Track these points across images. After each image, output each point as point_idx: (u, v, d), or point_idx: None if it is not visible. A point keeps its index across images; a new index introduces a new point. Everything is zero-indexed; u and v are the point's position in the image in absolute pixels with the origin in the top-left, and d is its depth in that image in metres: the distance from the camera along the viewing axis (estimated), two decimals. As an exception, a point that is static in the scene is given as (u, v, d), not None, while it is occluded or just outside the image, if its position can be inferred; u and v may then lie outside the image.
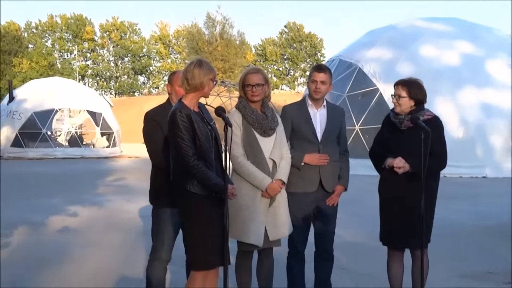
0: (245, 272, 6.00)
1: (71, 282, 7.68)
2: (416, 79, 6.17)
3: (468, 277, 8.09)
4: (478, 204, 15.68)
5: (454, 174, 21.96)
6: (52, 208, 14.17)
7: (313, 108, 6.41)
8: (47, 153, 34.85)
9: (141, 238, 9.99)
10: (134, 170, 25.36)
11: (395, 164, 5.87)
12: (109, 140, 37.89)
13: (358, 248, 9.79)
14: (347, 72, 27.00)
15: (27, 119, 35.22)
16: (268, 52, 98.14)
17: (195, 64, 5.11)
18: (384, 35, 28.43)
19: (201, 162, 4.94)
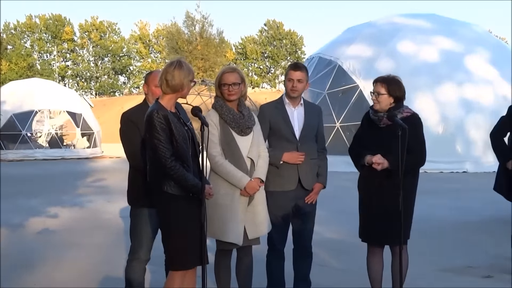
0: (224, 270, 5.99)
1: (51, 282, 7.64)
2: (394, 76, 6.17)
3: (448, 271, 8.14)
4: (458, 199, 15.77)
5: (435, 170, 22.08)
6: (32, 209, 14.11)
7: (290, 106, 6.41)
8: (27, 154, 34.71)
9: (122, 238, 9.96)
10: (114, 170, 25.31)
11: (374, 160, 5.89)
12: (89, 140, 37.77)
13: (338, 244, 9.81)
14: (327, 69, 27.05)
15: (7, 121, 35.02)
16: (248, 50, 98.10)
17: (176, 65, 5.05)
18: (363, 32, 28.53)
19: (178, 163, 4.91)
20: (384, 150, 5.88)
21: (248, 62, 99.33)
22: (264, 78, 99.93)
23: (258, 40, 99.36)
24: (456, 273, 8.06)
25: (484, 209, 13.25)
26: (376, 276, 6.25)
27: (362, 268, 6.47)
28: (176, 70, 5.01)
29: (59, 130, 38.12)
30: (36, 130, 37.47)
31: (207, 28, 72.61)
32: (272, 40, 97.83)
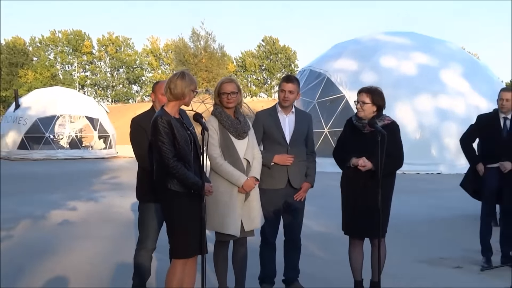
0: (222, 259, 5.99)
1: (69, 268, 7.66)
2: (377, 87, 6.18)
3: (422, 262, 8.14)
4: (433, 197, 15.76)
5: (412, 171, 22.08)
6: (53, 203, 14.10)
7: (282, 114, 6.44)
8: (50, 154, 34.63)
9: (132, 229, 9.95)
10: (127, 169, 25.24)
11: (359, 163, 5.90)
12: (105, 142, 37.69)
13: (324, 237, 9.80)
14: (317, 81, 27.05)
15: (32, 125, 34.97)
16: (247, 63, 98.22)
17: (178, 76, 5.08)
18: (349, 47, 28.52)
19: (180, 163, 4.93)
20: (367, 153, 5.89)
21: (247, 73, 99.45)
22: (261, 88, 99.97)
23: (256, 54, 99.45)
24: (429, 264, 8.05)
25: (456, 207, 13.24)
26: (357, 265, 6.26)
27: (345, 258, 6.47)
28: (179, 80, 5.03)
29: (78, 133, 37.97)
30: (58, 133, 37.32)
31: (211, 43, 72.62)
32: (269, 54, 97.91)
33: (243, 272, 6.08)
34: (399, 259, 8.02)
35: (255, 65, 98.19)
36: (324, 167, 15.62)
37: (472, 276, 7.38)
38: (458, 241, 9.56)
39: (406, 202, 13.61)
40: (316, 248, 8.88)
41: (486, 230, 8.00)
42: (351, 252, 6.29)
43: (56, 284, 6.92)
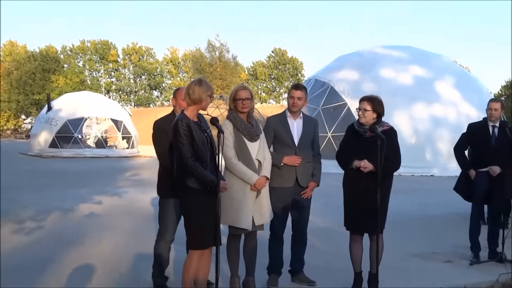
0: (234, 251, 6.01)
1: (94, 257, 7.70)
2: (377, 96, 6.19)
3: (417, 256, 8.14)
4: (426, 197, 15.71)
5: (407, 173, 21.98)
6: (81, 197, 14.12)
7: (291, 119, 6.45)
8: (78, 153, 34.66)
9: (152, 222, 9.95)
10: (148, 167, 25.27)
11: (362, 164, 5.91)
12: (128, 142, 37.71)
13: (328, 232, 9.78)
14: (321, 89, 27.00)
15: (62, 125, 34.99)
16: (258, 72, 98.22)
17: (196, 83, 5.13)
18: (351, 59, 28.46)
19: (197, 163, 4.95)
20: (368, 156, 5.90)
21: (258, 82, 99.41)
22: (270, 95, 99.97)
23: (266, 64, 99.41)
24: (422, 258, 8.05)
25: (447, 206, 13.18)
26: (357, 258, 6.28)
27: (346, 251, 6.47)
28: (196, 86, 5.09)
29: (104, 134, 38.03)
30: (86, 133, 37.38)
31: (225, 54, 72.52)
32: (278, 65, 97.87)
33: (253, 262, 6.09)
34: (395, 253, 7.99)
35: (265, 74, 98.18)
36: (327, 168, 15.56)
37: (461, 270, 7.37)
38: (449, 238, 9.54)
39: (402, 201, 13.56)
40: (320, 242, 8.86)
41: (475, 228, 8.01)
42: (351, 246, 6.29)
43: (83, 271, 6.95)
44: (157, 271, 6.13)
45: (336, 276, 6.86)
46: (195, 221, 5.03)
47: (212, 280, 5.39)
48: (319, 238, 9.02)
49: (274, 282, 6.38)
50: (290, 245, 6.60)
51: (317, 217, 10.64)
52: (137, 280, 6.60)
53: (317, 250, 8.27)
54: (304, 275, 6.56)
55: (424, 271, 7.27)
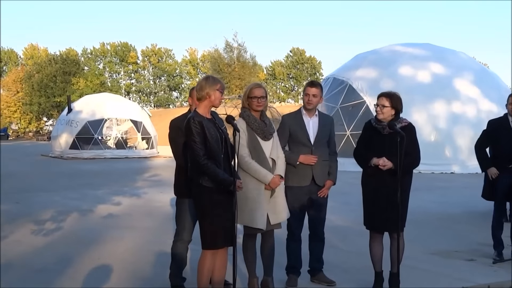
0: (251, 251, 5.89)
1: (112, 256, 7.68)
2: (396, 92, 6.05)
3: (437, 255, 7.97)
4: (446, 195, 15.49)
5: (427, 171, 21.75)
6: (99, 198, 14.15)
7: (307, 116, 6.33)
8: (98, 154, 34.79)
9: (170, 222, 9.89)
10: (167, 167, 25.26)
11: (380, 162, 5.76)
12: (148, 143, 37.80)
13: (347, 231, 9.64)
14: (340, 88, 26.78)
15: (82, 127, 35.15)
16: (276, 72, 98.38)
17: (203, 78, 5.14)
18: (369, 57, 28.19)
19: (210, 161, 4.87)
20: (386, 153, 5.76)
21: (276, 81, 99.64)
22: (289, 94, 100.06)
23: (284, 63, 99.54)
24: (443, 256, 7.88)
25: (468, 204, 12.99)
26: (377, 258, 6.13)
27: (365, 250, 6.34)
28: (203, 81, 5.10)
29: (123, 135, 38.11)
30: (106, 134, 37.48)
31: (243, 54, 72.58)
32: (296, 64, 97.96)
33: (271, 262, 5.96)
34: (416, 252, 7.86)
35: (283, 74, 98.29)
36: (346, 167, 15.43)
37: (484, 269, 7.20)
38: (470, 236, 9.36)
39: (422, 199, 13.39)
40: (339, 241, 8.74)
41: (498, 226, 7.84)
42: (371, 246, 6.15)
43: (100, 271, 6.90)
44: (175, 272, 6.05)
45: (356, 276, 6.74)
46: (208, 220, 4.93)
47: (230, 281, 5.28)
48: (338, 237, 8.90)
49: (293, 283, 6.26)
50: (308, 244, 6.49)
51: (336, 216, 10.54)
52: (154, 280, 6.53)
53: (337, 249, 8.14)
54: (324, 275, 6.43)
55: (445, 270, 7.09)
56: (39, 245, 8.51)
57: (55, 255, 7.74)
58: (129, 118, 37.46)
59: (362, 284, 6.34)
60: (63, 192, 15.37)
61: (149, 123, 38.63)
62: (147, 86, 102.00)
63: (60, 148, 35.31)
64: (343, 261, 7.45)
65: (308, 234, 6.46)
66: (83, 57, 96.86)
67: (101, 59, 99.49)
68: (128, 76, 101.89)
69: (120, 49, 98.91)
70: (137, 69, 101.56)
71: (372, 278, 6.17)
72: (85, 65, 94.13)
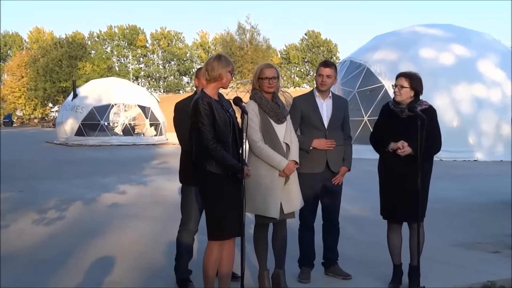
0: (262, 241, 5.76)
1: (116, 247, 7.66)
2: (416, 73, 5.89)
3: (459, 246, 7.83)
4: (469, 183, 15.32)
5: (449, 158, 21.57)
6: (105, 186, 14.13)
7: (320, 99, 6.20)
8: (104, 141, 34.87)
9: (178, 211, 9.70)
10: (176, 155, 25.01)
11: (399, 146, 5.63)
12: (156, 130, 37.85)
13: (363, 221, 9.53)
14: (357, 71, 26.59)
15: (88, 113, 35.22)
16: (291, 56, 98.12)
17: (215, 58, 4.96)
18: (388, 39, 27.96)
19: (219, 145, 4.74)
20: (405, 138, 5.62)
21: (291, 65, 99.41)
22: (304, 79, 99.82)
23: (299, 47, 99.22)
24: (466, 248, 7.74)
25: (492, 193, 12.81)
26: (396, 249, 6.00)
27: (382, 241, 6.24)
28: (215, 62, 4.91)
29: (131, 121, 38.17)
30: (113, 121, 37.55)
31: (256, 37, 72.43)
32: (311, 47, 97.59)
33: (283, 254, 5.83)
34: (437, 243, 7.72)
35: (298, 58, 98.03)
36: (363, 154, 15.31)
37: (509, 261, 7.02)
38: (494, 226, 9.20)
39: (443, 187, 13.24)
40: (355, 231, 8.64)
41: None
42: (389, 237, 6.02)
43: (104, 263, 6.84)
44: (180, 264, 5.96)
45: (373, 269, 6.63)
46: (215, 209, 4.82)
47: (238, 273, 5.19)
48: (354, 228, 8.80)
49: (306, 276, 6.16)
50: (322, 234, 6.38)
51: (351, 205, 10.45)
52: (161, 272, 6.47)
53: (352, 240, 8.04)
54: (339, 267, 6.33)
55: (468, 263, 6.96)
56: (41, 235, 8.49)
57: (58, 246, 7.71)
58: (136, 104, 37.50)
59: (380, 277, 6.24)
60: (67, 180, 15.40)
61: (157, 108, 38.66)
62: (156, 71, 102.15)
63: (65, 134, 35.42)
64: (359, 253, 7.35)
65: (322, 224, 6.35)
66: (90, 40, 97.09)
67: (109, 42, 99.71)
68: (136, 60, 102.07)
69: (128, 32, 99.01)
70: (146, 53, 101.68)
71: (390, 271, 6.06)
72: (92, 49, 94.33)
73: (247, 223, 5.25)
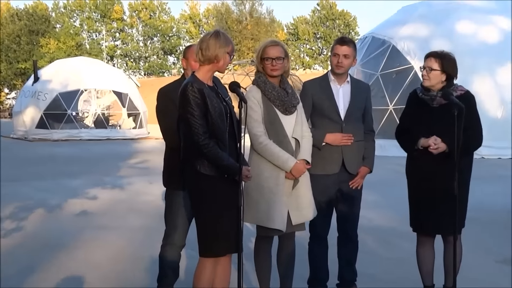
0: (264, 258, 5.78)
1: (86, 263, 7.66)
2: (449, 52, 5.89)
3: (504, 263, 7.85)
4: (517, 187, 15.34)
5: (493, 156, 21.63)
6: (72, 190, 14.19)
7: (335, 84, 6.17)
8: (72, 134, 35.01)
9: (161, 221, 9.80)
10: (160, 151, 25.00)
11: (431, 143, 5.64)
12: (135, 121, 38.00)
13: (387, 232, 9.58)
14: (381, 49, 26.67)
15: (52, 100, 35.34)
16: (300, 31, 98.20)
17: (212, 35, 4.90)
18: (418, 11, 28.05)
19: (212, 141, 4.74)
20: (438, 132, 5.65)
21: (300, 43, 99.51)
22: (316, 59, 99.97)
23: (310, 20, 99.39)
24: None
25: (545, 198, 12.82)
26: (428, 268, 6.05)
27: (411, 257, 6.26)
28: (212, 39, 4.86)
29: (105, 110, 38.33)
30: (82, 110, 37.70)
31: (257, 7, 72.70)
32: (325, 21, 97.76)
33: (290, 272, 5.87)
34: (477, 258, 7.76)
35: (309, 33, 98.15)
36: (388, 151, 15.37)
37: None
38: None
39: (485, 191, 13.28)
40: (377, 245, 8.68)
41: None
42: (419, 252, 6.05)
43: (72, 282, 6.86)
44: (163, 285, 5.98)
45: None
46: (207, 219, 4.83)
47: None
48: (376, 241, 8.85)
49: (318, 299, 6.18)
50: (337, 249, 6.39)
51: (373, 213, 10.49)
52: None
53: (374, 256, 8.07)
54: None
55: (516, 284, 6.99)
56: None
57: (15, 263, 7.70)
58: (111, 90, 37.60)
59: (407, 301, 6.28)
60: (27, 183, 15.45)
61: (137, 95, 38.80)
62: (136, 49, 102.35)
63: (24, 127, 35.53)
64: (382, 271, 7.37)
65: (337, 236, 6.37)
66: (55, 12, 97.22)
67: (78, 14, 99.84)
68: (111, 36, 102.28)
69: (101, 1, 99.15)
70: (123, 27, 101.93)
71: (420, 294, 6.08)
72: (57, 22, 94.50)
73: (247, 235, 5.27)
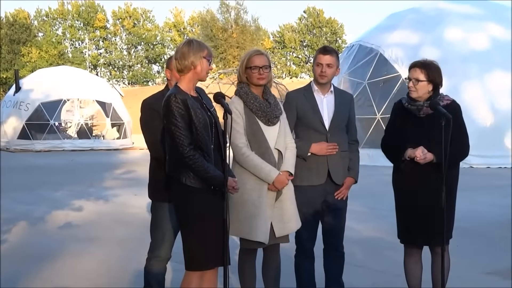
0: (248, 271, 5.82)
1: (70, 277, 7.66)
2: (432, 60, 5.97)
3: (494, 275, 7.89)
4: (506, 196, 15.39)
5: (481, 165, 21.68)
6: (56, 202, 14.19)
7: (319, 94, 6.22)
8: (55, 145, 34.91)
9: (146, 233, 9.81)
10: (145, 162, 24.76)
11: (417, 154, 5.68)
12: (119, 131, 37.92)
13: (375, 243, 9.63)
14: (368, 58, 26.72)
15: (35, 110, 35.26)
16: (286, 38, 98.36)
17: (184, 43, 5.00)
18: (407, 17, 28.13)
19: (197, 153, 4.78)
20: (425, 142, 5.70)
21: (286, 51, 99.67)
22: (302, 68, 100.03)
23: (297, 28, 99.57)
24: (503, 277, 7.80)
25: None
26: (415, 280, 6.09)
27: (399, 269, 6.30)
28: (185, 47, 4.95)
29: (88, 120, 38.22)
30: (65, 120, 37.61)
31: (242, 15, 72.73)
32: (312, 28, 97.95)
33: (276, 285, 5.91)
34: (465, 270, 7.79)
35: (295, 41, 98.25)
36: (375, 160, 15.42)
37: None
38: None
39: (474, 201, 13.36)
40: (364, 257, 8.71)
41: None
42: (407, 264, 6.10)
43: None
44: (148, 299, 5.98)
45: (387, 302, 6.70)
46: (193, 232, 4.86)
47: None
48: (363, 253, 8.88)
49: (305, 312, 6.22)
50: (323, 261, 6.40)
51: (360, 224, 10.53)
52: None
53: (361, 268, 8.10)
54: (345, 301, 6.39)
55: (506, 295, 7.06)
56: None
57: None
58: (95, 99, 37.51)
59: (395, 313, 6.32)
60: (8, 194, 15.36)
61: (121, 105, 38.73)
62: (120, 58, 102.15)
63: (6, 137, 35.45)
64: (370, 283, 7.40)
65: (323, 248, 6.38)
66: (36, 20, 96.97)
67: (60, 23, 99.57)
68: (95, 44, 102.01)
69: (84, 10, 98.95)
70: (106, 35, 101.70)
71: (408, 306, 6.13)
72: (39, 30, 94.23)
73: (233, 248, 5.30)
